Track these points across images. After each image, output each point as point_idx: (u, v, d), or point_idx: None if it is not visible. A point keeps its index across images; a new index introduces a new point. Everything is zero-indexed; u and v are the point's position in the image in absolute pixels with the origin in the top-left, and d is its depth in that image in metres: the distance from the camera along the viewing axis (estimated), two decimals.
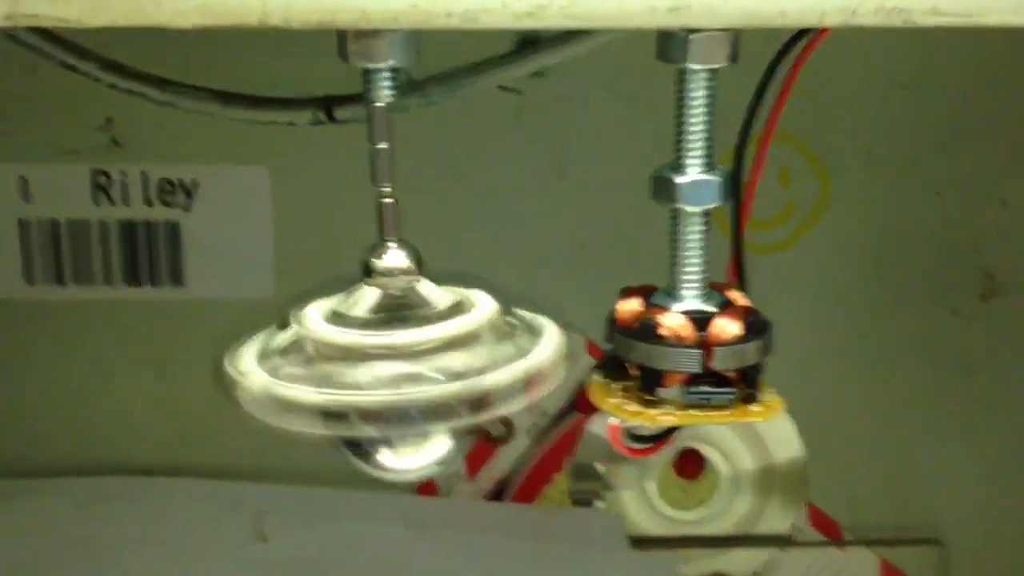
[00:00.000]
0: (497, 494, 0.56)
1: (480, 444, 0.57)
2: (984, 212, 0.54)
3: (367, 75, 0.25)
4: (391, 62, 0.24)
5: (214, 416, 0.56)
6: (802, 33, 0.26)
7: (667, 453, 0.56)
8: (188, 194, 0.54)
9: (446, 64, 0.49)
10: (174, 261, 0.55)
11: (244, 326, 0.54)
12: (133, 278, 0.55)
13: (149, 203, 0.54)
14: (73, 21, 0.23)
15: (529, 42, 0.50)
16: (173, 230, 0.54)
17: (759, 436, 0.55)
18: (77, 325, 0.55)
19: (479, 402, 0.25)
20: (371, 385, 0.25)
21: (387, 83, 0.25)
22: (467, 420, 0.25)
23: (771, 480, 0.55)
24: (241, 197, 0.54)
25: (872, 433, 0.56)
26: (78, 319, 0.55)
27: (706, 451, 0.56)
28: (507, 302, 0.28)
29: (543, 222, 0.54)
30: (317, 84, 0.49)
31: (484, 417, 0.25)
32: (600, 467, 0.55)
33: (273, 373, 0.26)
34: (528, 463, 0.56)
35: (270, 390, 0.25)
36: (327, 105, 0.49)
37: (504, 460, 0.57)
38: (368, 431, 0.25)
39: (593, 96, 0.53)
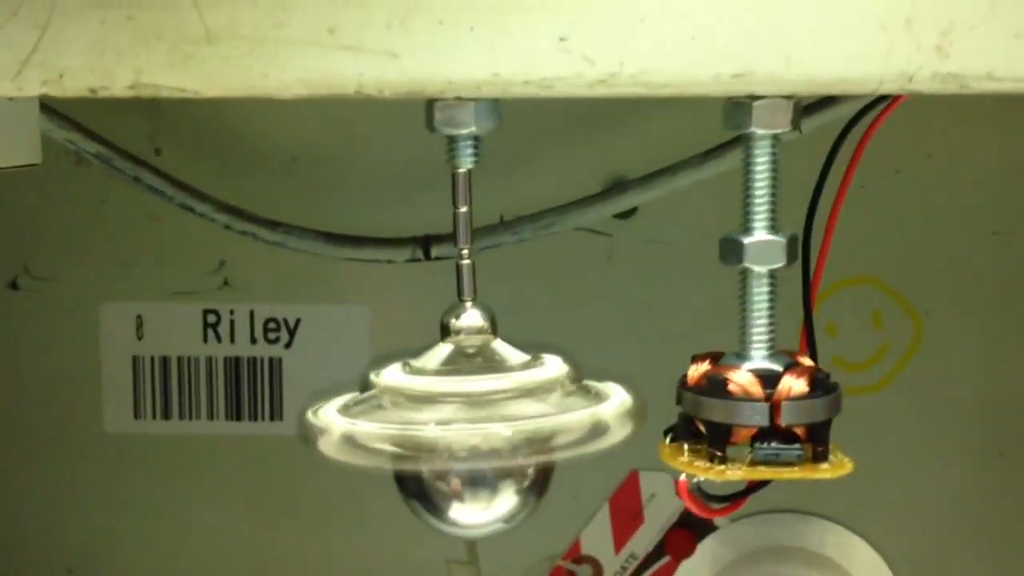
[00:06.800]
0: None
1: None
2: None
3: (451, 143, 0.27)
4: (473, 129, 0.26)
5: (305, 549, 0.57)
6: (871, 105, 0.28)
7: None
8: (291, 332, 0.56)
9: (537, 206, 0.52)
10: (274, 397, 0.57)
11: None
12: (235, 413, 0.57)
13: (254, 340, 0.56)
14: (191, 91, 0.26)
15: (617, 184, 0.53)
16: (275, 366, 0.57)
17: None
18: (179, 459, 0.57)
19: (542, 443, 0.25)
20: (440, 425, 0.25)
21: (469, 150, 0.27)
22: (530, 460, 0.25)
23: None
24: (340, 334, 0.56)
25: None
26: (180, 453, 0.57)
27: None
28: (580, 371, 0.29)
29: (631, 364, 0.55)
30: (415, 226, 0.52)
31: (547, 459, 0.25)
32: None
33: (351, 421, 0.27)
34: None
35: (347, 430, 0.26)
36: (425, 243, 0.52)
37: None
38: (433, 465, 0.25)
39: (680, 240, 0.54)
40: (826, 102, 0.39)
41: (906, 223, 0.53)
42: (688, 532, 0.55)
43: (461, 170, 0.27)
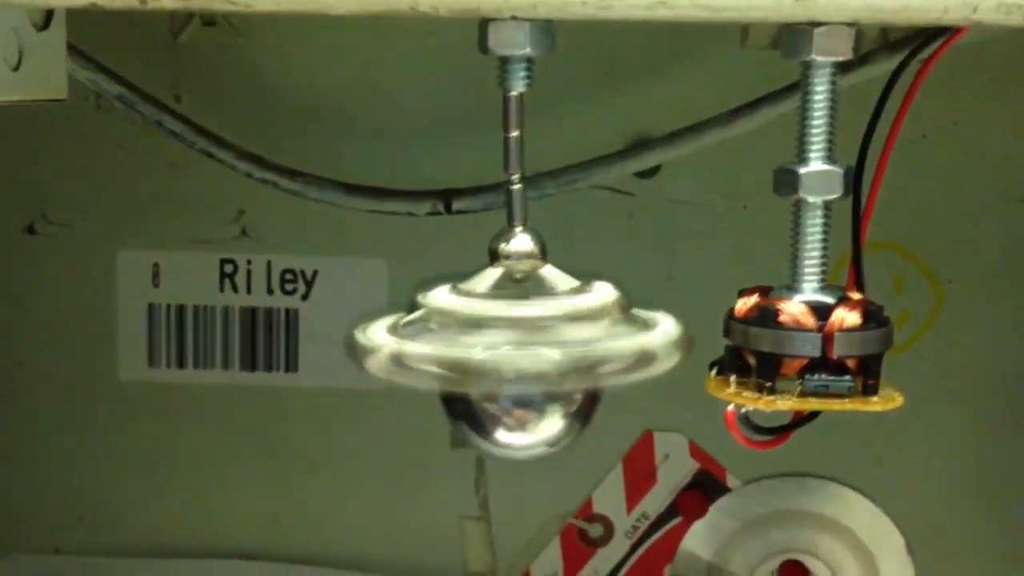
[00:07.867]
0: None
1: (578, 545, 0.56)
2: None
3: (504, 64, 0.27)
4: (527, 51, 0.26)
5: (318, 502, 0.57)
6: (929, 40, 0.27)
7: (770, 565, 0.54)
8: (308, 283, 0.56)
9: (562, 162, 0.52)
10: (290, 348, 0.56)
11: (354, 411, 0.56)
12: (250, 363, 0.57)
13: (271, 291, 0.56)
14: (242, 5, 0.25)
15: (641, 141, 0.52)
16: (291, 318, 0.56)
17: (867, 550, 0.53)
18: (192, 409, 0.56)
19: (590, 369, 0.25)
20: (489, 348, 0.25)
21: (522, 72, 0.26)
22: (576, 385, 0.25)
23: None
24: (358, 287, 0.56)
25: (986, 553, 0.54)
26: (194, 403, 0.56)
27: (811, 564, 0.54)
28: (628, 299, 0.29)
29: None
30: (436, 176, 0.52)
31: (595, 385, 0.25)
32: None
33: (400, 341, 0.26)
34: (626, 567, 0.55)
35: (395, 350, 0.26)
36: (446, 197, 0.52)
37: (602, 563, 0.56)
38: (481, 387, 0.25)
39: (703, 200, 0.54)
40: (875, 54, 0.38)
41: (931, 189, 0.53)
42: (701, 493, 0.55)
43: (513, 93, 0.27)
